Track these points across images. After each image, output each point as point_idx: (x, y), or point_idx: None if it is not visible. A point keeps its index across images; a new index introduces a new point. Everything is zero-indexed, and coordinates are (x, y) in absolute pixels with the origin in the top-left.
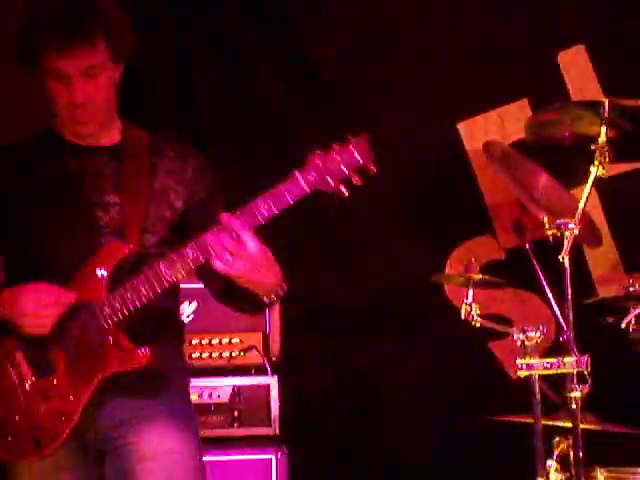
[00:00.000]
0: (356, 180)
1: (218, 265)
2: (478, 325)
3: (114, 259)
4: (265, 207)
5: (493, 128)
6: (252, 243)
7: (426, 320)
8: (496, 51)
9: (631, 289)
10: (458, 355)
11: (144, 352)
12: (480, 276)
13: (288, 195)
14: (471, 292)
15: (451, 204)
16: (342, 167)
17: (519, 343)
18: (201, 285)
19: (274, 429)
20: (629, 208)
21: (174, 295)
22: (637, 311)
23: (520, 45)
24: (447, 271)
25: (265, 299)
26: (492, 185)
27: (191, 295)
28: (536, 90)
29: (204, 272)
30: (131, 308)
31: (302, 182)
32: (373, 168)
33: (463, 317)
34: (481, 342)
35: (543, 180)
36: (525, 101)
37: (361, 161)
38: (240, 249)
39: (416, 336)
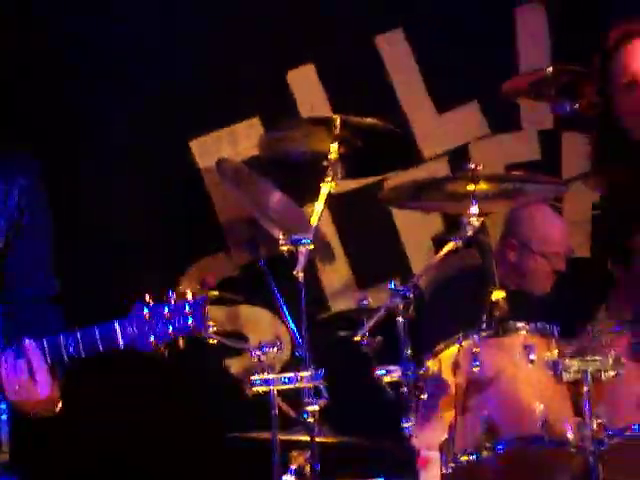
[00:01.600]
0: (181, 345)
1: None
2: (214, 343)
3: None
4: (73, 345)
5: (225, 146)
6: (45, 381)
7: None
8: (226, 69)
9: (364, 302)
10: (194, 373)
11: None
12: (215, 293)
13: (100, 343)
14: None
15: (184, 222)
16: (170, 330)
17: (255, 359)
18: None
19: (4, 456)
20: (359, 224)
21: None
22: (369, 324)
23: (250, 63)
24: (181, 289)
25: None
26: (225, 203)
27: None
28: (267, 108)
29: None
30: None
31: (119, 335)
32: (205, 335)
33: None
34: (217, 359)
35: (276, 197)
36: (256, 119)
37: (193, 327)
38: (31, 384)
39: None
